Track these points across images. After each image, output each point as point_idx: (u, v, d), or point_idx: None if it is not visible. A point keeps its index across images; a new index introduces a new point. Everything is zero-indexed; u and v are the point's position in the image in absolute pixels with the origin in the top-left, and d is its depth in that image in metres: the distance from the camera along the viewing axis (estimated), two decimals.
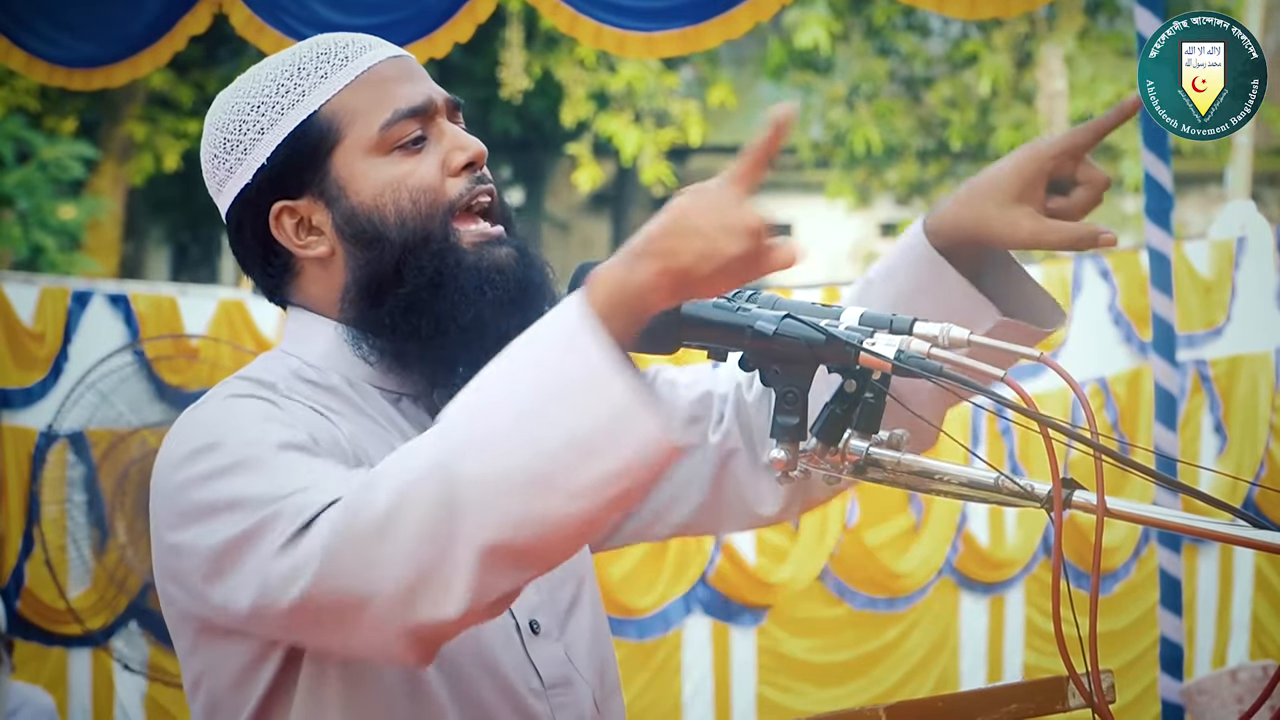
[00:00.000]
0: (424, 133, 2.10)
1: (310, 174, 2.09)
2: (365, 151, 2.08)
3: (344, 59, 2.12)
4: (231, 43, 14.66)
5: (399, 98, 2.10)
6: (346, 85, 2.10)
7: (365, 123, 2.09)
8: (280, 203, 2.10)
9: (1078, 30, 16.57)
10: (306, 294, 2.14)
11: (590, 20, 5.95)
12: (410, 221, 2.07)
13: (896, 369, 1.82)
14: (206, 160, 2.16)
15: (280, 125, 2.09)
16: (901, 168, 18.10)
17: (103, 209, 15.58)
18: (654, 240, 1.76)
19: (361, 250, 2.08)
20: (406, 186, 2.07)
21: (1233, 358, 8.43)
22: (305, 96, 2.10)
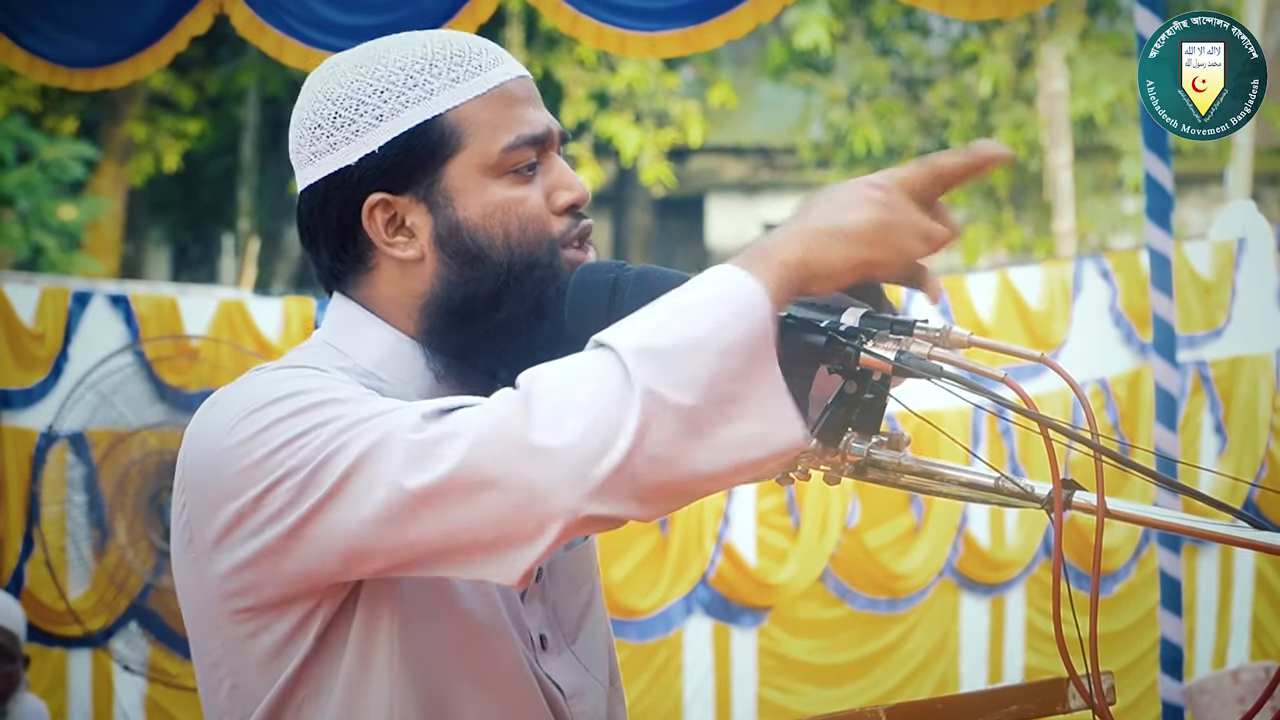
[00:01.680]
0: (537, 161, 2.06)
1: (420, 176, 2.03)
2: (481, 168, 2.03)
3: (477, 67, 2.05)
4: (232, 43, 14.68)
5: (524, 122, 2.05)
6: (477, 96, 2.04)
7: (488, 140, 2.03)
8: (380, 194, 2.03)
9: (1078, 30, 16.57)
10: (374, 291, 2.06)
11: (591, 20, 5.94)
12: (516, 247, 2.02)
13: (897, 370, 1.82)
14: (304, 127, 2.07)
15: (401, 118, 2.03)
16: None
17: (103, 209, 15.58)
18: (862, 230, 1.82)
19: (460, 266, 2.02)
20: (517, 213, 2.02)
21: (1233, 358, 8.43)
22: (433, 95, 2.03)
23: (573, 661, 2.10)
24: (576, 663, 2.10)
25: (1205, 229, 11.73)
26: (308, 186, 2.07)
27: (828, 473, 1.88)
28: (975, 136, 17.37)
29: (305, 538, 1.87)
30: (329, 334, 2.08)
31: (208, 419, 1.98)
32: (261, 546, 1.89)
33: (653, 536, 8.02)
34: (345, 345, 2.05)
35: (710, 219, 23.28)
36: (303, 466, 1.86)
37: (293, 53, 6.10)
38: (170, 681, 7.38)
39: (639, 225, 21.85)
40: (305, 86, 2.11)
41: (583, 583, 2.16)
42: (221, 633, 1.97)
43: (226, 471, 1.91)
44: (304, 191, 2.08)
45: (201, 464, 1.94)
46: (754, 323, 1.78)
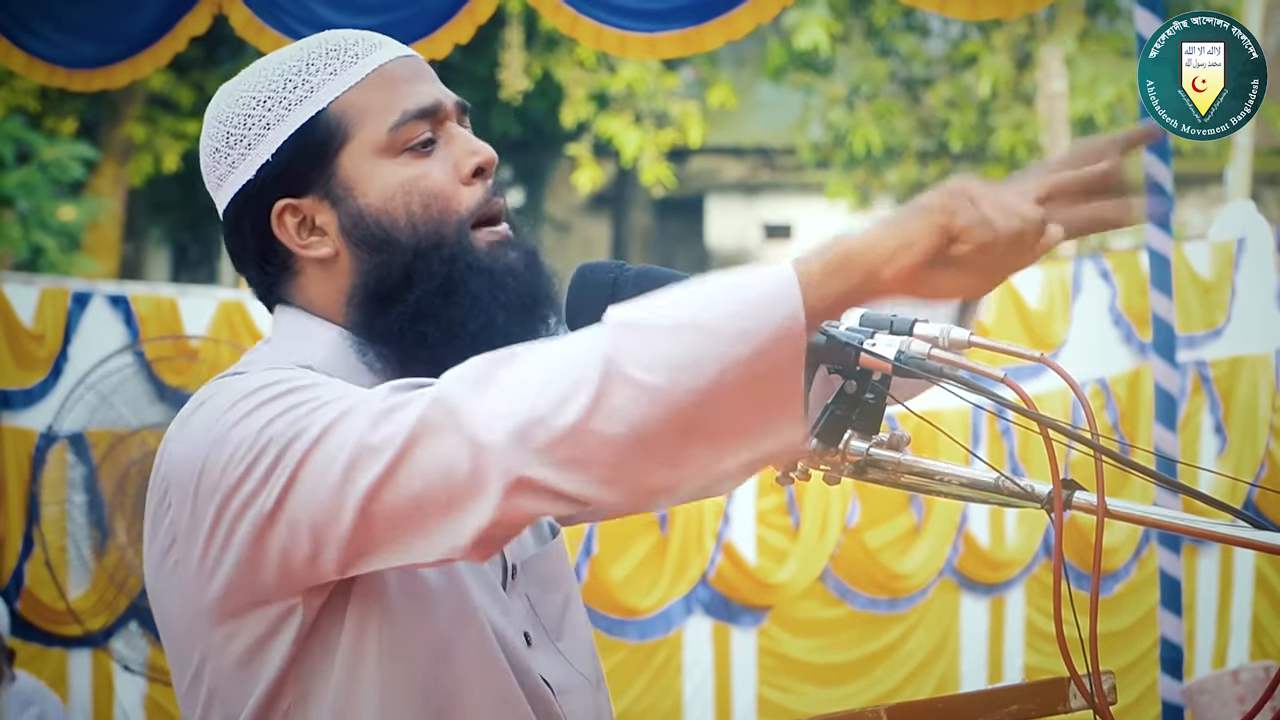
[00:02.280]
0: (433, 135, 2.05)
1: (316, 173, 2.04)
2: (374, 152, 2.03)
3: (354, 56, 2.06)
4: (231, 43, 14.66)
5: (409, 98, 2.05)
6: (356, 83, 2.05)
7: (374, 123, 2.04)
8: (283, 200, 2.05)
9: (1078, 31, 16.57)
10: (306, 295, 2.08)
11: (591, 21, 5.94)
12: (422, 226, 2.02)
13: (897, 370, 1.82)
14: (207, 154, 2.11)
15: (287, 121, 2.04)
16: (901, 168, 18.10)
17: (103, 210, 15.58)
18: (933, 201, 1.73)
19: (369, 253, 2.03)
20: (418, 190, 2.03)
21: (1233, 358, 8.43)
22: (314, 93, 2.04)
23: (558, 658, 2.10)
24: (562, 659, 2.10)
25: (1205, 229, 11.73)
26: (223, 211, 2.11)
27: (827, 473, 1.88)
28: (975, 137, 17.39)
29: (281, 517, 1.86)
30: (277, 341, 2.09)
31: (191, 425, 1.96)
32: (243, 535, 1.89)
33: (653, 536, 8.02)
34: (295, 348, 2.06)
35: (710, 219, 23.29)
36: (276, 441, 1.86)
37: None
38: (171, 681, 7.38)
39: (639, 225, 21.86)
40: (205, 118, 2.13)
41: (559, 582, 2.16)
42: (201, 638, 1.97)
43: (211, 467, 1.90)
44: (222, 217, 2.12)
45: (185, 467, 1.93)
46: (774, 315, 1.71)
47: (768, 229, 23.05)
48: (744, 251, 23.07)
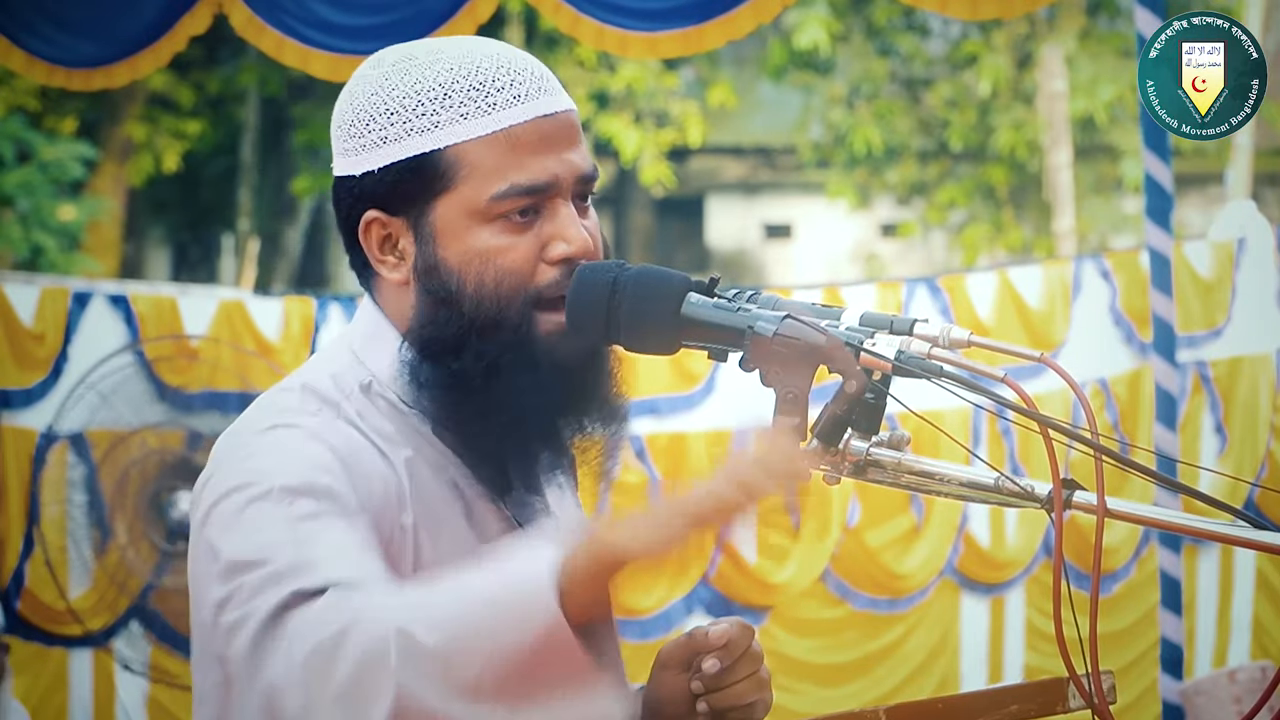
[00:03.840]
0: (536, 208, 2.02)
1: (412, 206, 2.02)
2: (469, 212, 2.01)
3: (491, 105, 2.02)
4: (232, 43, 14.67)
5: (522, 170, 2.01)
6: (480, 137, 2.01)
7: (480, 185, 2.00)
8: (376, 212, 2.04)
9: (1078, 31, 16.57)
10: (384, 301, 2.09)
11: (592, 21, 5.94)
12: (487, 301, 2.00)
13: (897, 369, 1.82)
14: (336, 122, 2.09)
15: (403, 145, 2.02)
16: (902, 168, 18.10)
17: (103, 209, 15.58)
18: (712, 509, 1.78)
19: (431, 305, 2.02)
20: (494, 263, 2.00)
21: (1233, 358, 8.42)
22: (438, 128, 2.02)
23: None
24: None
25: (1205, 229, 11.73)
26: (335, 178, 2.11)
27: (827, 473, 1.88)
28: (975, 137, 17.38)
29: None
30: (354, 341, 2.10)
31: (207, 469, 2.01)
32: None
33: None
34: (365, 355, 2.07)
35: (710, 219, 23.29)
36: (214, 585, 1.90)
37: (292, 53, 6.09)
38: (172, 681, 7.37)
39: (639, 225, 21.86)
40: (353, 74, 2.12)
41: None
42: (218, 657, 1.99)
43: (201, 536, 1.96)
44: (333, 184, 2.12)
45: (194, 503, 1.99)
46: (536, 629, 1.73)
47: (768, 229, 23.05)
48: (744, 251, 23.07)
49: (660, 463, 8.06)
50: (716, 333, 1.90)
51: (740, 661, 2.10)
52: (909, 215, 19.46)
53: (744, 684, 2.10)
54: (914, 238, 19.66)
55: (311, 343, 7.83)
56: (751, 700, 2.11)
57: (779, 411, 1.86)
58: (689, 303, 1.91)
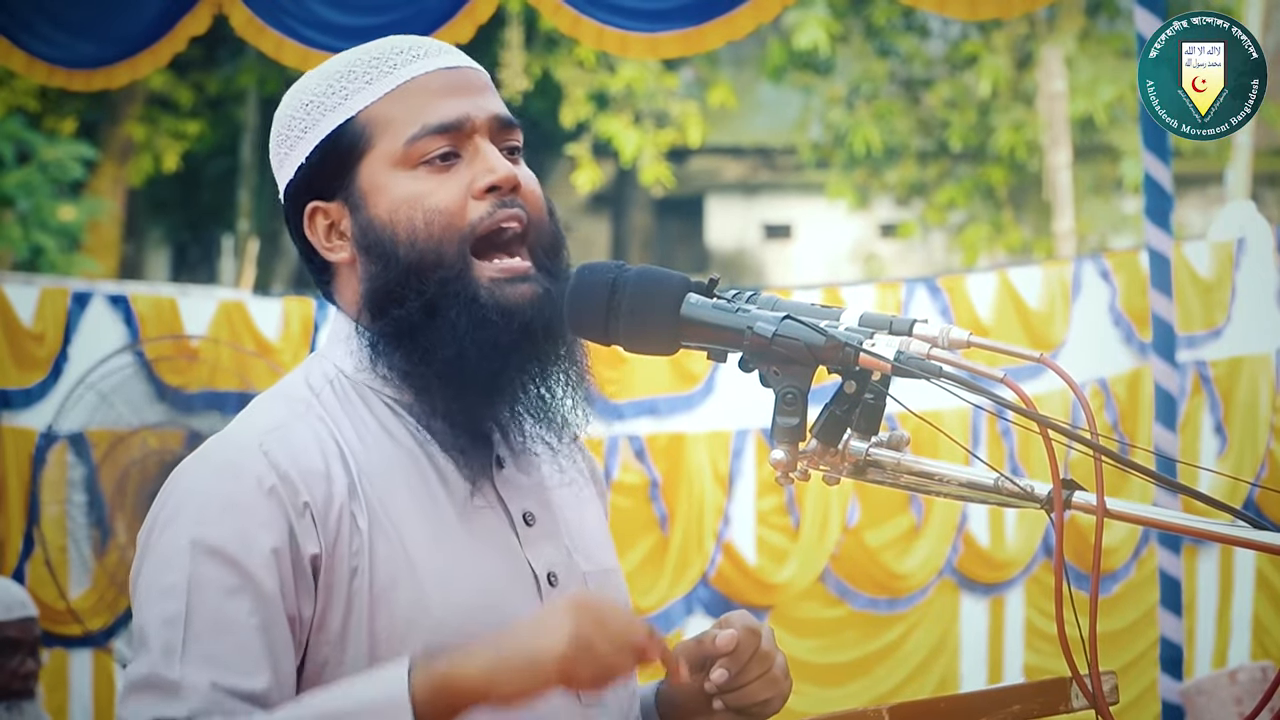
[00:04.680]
0: (456, 150, 2.06)
1: (340, 179, 2.07)
2: (391, 164, 2.05)
3: (392, 65, 2.08)
4: (231, 44, 14.67)
5: (432, 112, 2.06)
6: (387, 94, 2.07)
7: (394, 134, 2.05)
8: (314, 203, 2.09)
9: (1078, 31, 16.56)
10: (342, 297, 2.12)
11: (592, 21, 5.94)
12: (421, 242, 2.03)
13: (896, 370, 1.82)
14: (270, 147, 2.16)
15: (320, 126, 2.08)
16: (901, 168, 18.09)
17: (102, 210, 15.57)
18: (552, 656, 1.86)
19: (372, 263, 2.06)
20: (423, 206, 2.04)
21: (1233, 358, 8.43)
22: (347, 100, 2.08)
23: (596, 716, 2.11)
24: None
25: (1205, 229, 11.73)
26: (282, 201, 2.15)
27: (827, 473, 1.88)
28: (975, 137, 17.38)
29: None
30: (325, 345, 2.14)
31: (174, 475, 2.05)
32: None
33: (653, 536, 8.03)
34: (333, 352, 2.11)
35: (709, 219, 23.28)
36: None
37: (292, 53, 6.09)
38: None
39: (638, 226, 21.85)
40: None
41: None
42: None
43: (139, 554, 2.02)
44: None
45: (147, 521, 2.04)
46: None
47: (767, 229, 23.05)
48: (744, 251, 23.07)
49: (660, 463, 8.06)
50: (716, 333, 1.90)
51: (751, 663, 2.09)
52: (909, 215, 19.46)
53: (756, 684, 2.10)
54: (914, 238, 19.66)
55: (311, 343, 7.83)
56: (766, 697, 2.11)
57: (778, 412, 1.86)
58: (688, 303, 1.91)
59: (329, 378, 2.08)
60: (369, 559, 1.99)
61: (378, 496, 2.01)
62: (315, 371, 2.09)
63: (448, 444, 2.06)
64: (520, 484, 2.11)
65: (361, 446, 2.04)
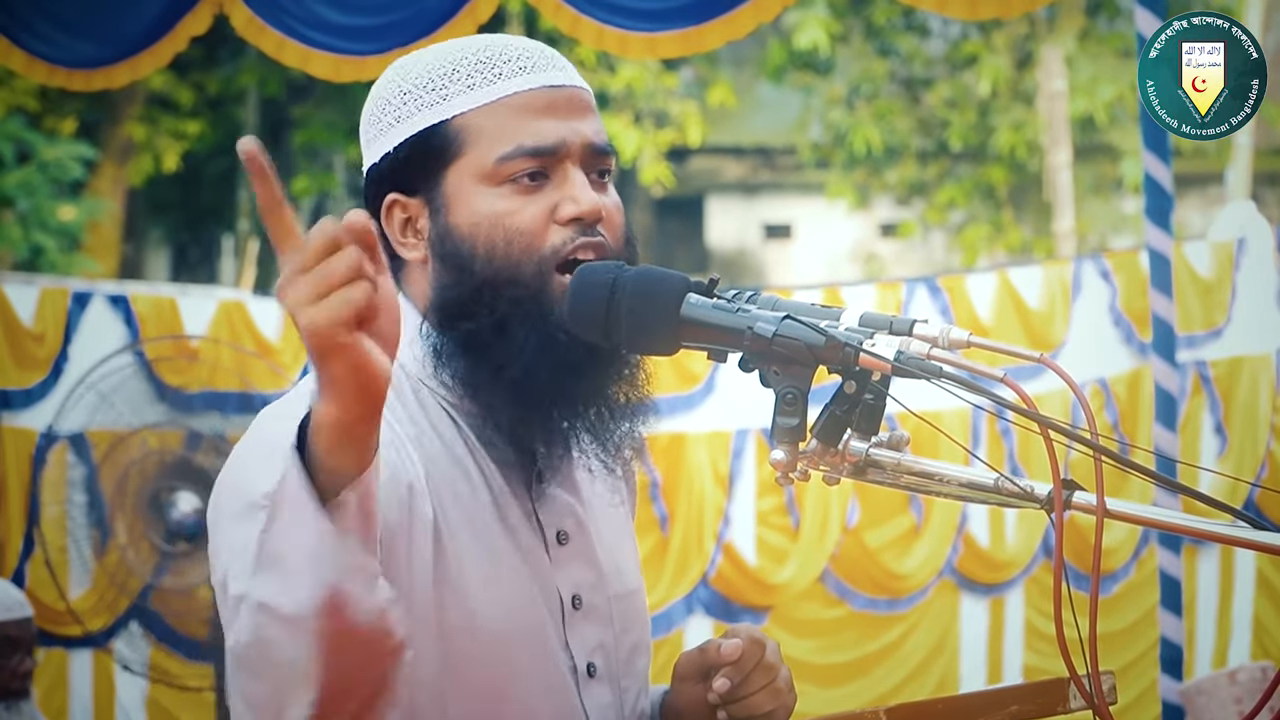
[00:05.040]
0: (546, 172, 2.05)
1: (424, 180, 2.06)
2: (478, 176, 2.04)
3: (498, 74, 2.06)
4: (232, 43, 14.66)
5: (528, 132, 2.04)
6: (486, 104, 2.05)
7: (486, 148, 2.04)
8: (394, 195, 2.08)
9: (1078, 31, 16.57)
10: (408, 286, 2.12)
11: (592, 21, 5.94)
12: (499, 260, 2.02)
13: (896, 370, 1.82)
14: (362, 121, 2.15)
15: (413, 121, 2.07)
16: (901, 168, 18.10)
17: (102, 210, 15.57)
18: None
19: (446, 271, 2.05)
20: (504, 224, 2.03)
21: (1233, 359, 8.42)
22: (445, 101, 2.06)
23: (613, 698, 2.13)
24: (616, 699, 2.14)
25: (1205, 229, 11.73)
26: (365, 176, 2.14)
27: (827, 473, 1.88)
28: (975, 137, 17.38)
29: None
30: None
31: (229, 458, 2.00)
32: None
33: (653, 537, 8.02)
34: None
35: (709, 219, 23.28)
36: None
37: (292, 53, 6.09)
38: (172, 682, 7.37)
39: (638, 225, 21.82)
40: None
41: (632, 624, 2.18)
42: None
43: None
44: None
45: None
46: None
47: (768, 229, 23.05)
48: (744, 252, 23.07)
49: (660, 463, 8.06)
50: (716, 333, 1.90)
51: (754, 674, 2.10)
52: (909, 215, 19.46)
53: (759, 695, 2.11)
54: (914, 238, 19.66)
55: None
56: (769, 709, 2.12)
57: (778, 412, 1.86)
58: (688, 303, 1.91)
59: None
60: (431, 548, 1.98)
61: (435, 491, 2.01)
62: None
63: (496, 454, 2.06)
64: (558, 501, 2.11)
65: (419, 440, 2.03)
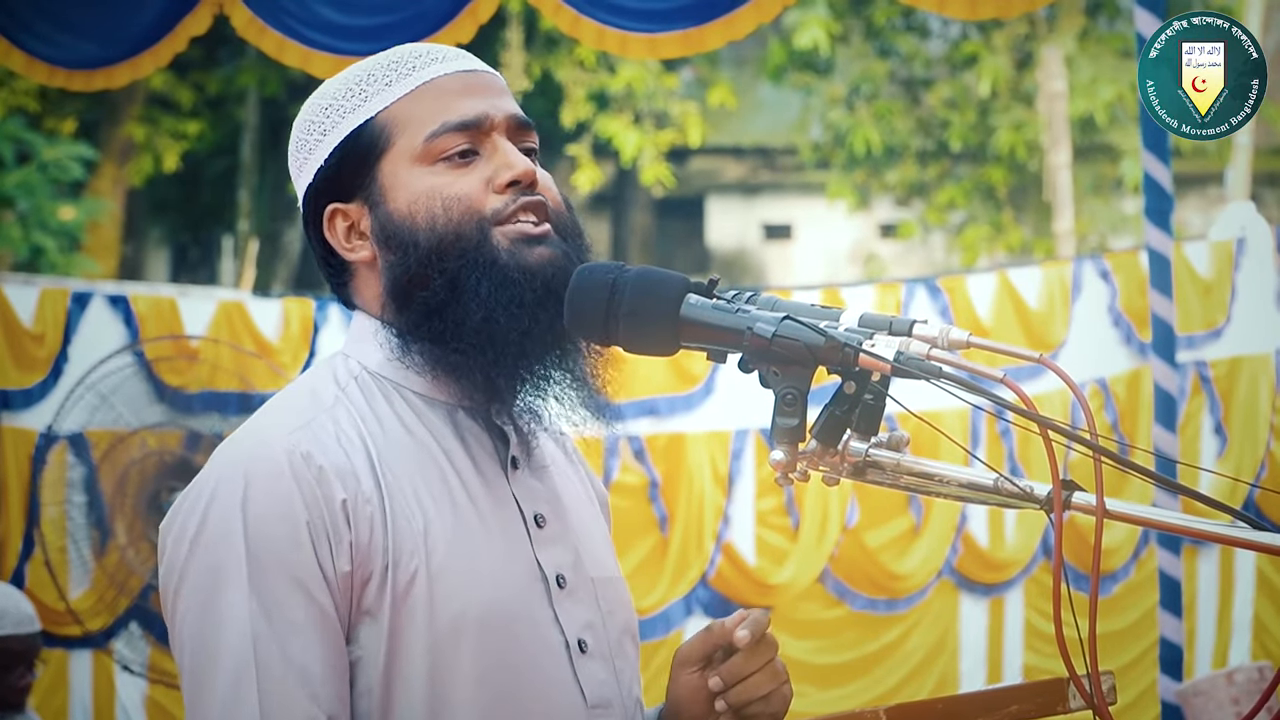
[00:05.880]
0: (474, 147, 2.09)
1: (359, 179, 2.10)
2: (410, 161, 2.09)
3: (411, 68, 2.12)
4: (232, 44, 14.67)
5: (451, 110, 2.09)
6: (406, 94, 2.11)
7: (413, 132, 2.09)
8: (333, 205, 2.12)
9: (1078, 31, 16.56)
10: (362, 297, 2.15)
11: (592, 22, 5.94)
12: (440, 227, 2.06)
13: (896, 370, 1.82)
14: (289, 152, 2.19)
15: (340, 128, 2.11)
16: (901, 169, 18.09)
17: (102, 210, 15.57)
18: None
19: (392, 254, 2.08)
20: (441, 195, 2.07)
21: (1233, 359, 8.43)
22: (366, 102, 2.11)
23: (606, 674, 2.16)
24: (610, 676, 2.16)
25: (1205, 229, 11.73)
26: (301, 207, 2.18)
27: (827, 474, 1.88)
28: (975, 137, 17.38)
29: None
30: (347, 344, 2.16)
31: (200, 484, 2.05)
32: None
33: (653, 537, 8.02)
34: (356, 350, 2.13)
35: (710, 220, 23.27)
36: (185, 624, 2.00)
37: (293, 54, 6.09)
38: (172, 682, 7.37)
39: (638, 226, 21.83)
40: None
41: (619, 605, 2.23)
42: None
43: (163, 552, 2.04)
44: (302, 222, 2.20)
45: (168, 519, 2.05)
46: None
47: (768, 229, 23.04)
48: (744, 252, 23.06)
49: (659, 463, 8.06)
50: (716, 334, 1.90)
51: (759, 647, 2.10)
52: (908, 216, 19.46)
53: (760, 674, 2.11)
54: (913, 238, 19.65)
55: (311, 343, 7.83)
56: (768, 691, 2.11)
57: (778, 413, 1.86)
58: (688, 304, 1.91)
59: (353, 374, 2.10)
60: (393, 555, 2.00)
61: (399, 490, 2.03)
62: (342, 369, 2.12)
63: (472, 440, 2.09)
64: (532, 487, 2.13)
65: (385, 441, 2.05)
